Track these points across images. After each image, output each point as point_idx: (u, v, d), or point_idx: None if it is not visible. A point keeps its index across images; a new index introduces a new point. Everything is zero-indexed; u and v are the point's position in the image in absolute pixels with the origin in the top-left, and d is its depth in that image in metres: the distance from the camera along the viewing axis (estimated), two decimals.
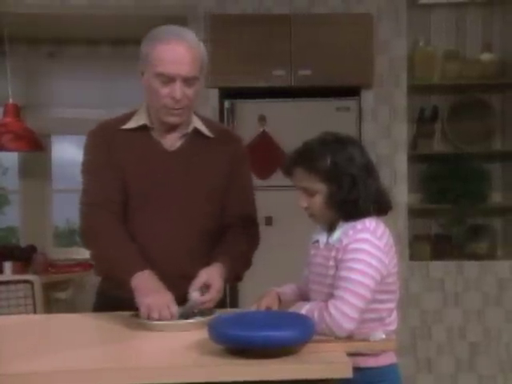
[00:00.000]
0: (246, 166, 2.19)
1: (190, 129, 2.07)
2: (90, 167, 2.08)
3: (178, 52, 1.93)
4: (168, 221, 2.03)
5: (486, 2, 4.40)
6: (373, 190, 1.71)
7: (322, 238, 1.76)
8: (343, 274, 1.64)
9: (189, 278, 1.92)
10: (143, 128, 2.06)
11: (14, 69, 4.62)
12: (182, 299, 1.88)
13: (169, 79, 1.93)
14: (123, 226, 2.02)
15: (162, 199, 2.03)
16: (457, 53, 4.39)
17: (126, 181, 2.03)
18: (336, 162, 1.69)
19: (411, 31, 4.31)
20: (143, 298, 1.83)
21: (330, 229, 1.75)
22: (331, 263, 1.70)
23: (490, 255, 4.29)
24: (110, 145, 2.05)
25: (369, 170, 1.73)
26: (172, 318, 1.79)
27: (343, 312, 1.59)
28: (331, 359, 1.45)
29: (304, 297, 1.85)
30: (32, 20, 4.38)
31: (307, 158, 1.72)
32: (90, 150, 2.09)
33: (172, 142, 2.07)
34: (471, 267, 4.17)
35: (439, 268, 4.18)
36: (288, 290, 1.92)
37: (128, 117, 2.10)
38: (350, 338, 1.62)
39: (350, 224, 1.69)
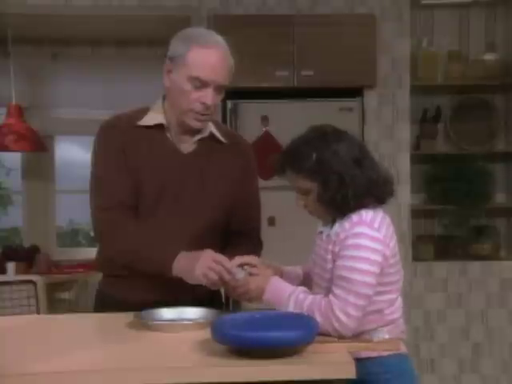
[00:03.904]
0: (254, 176, 2.20)
1: (207, 133, 2.05)
2: (101, 166, 2.01)
3: (216, 58, 1.91)
4: (177, 223, 2.00)
5: (489, 2, 4.40)
6: (363, 182, 1.69)
7: (326, 230, 1.76)
8: (344, 273, 1.63)
9: None
10: (158, 127, 2.02)
11: (17, 69, 4.62)
12: (185, 302, 1.89)
13: (203, 84, 1.91)
14: (136, 223, 1.98)
15: (174, 201, 2.00)
16: (460, 53, 4.39)
17: (140, 180, 1.99)
18: (321, 161, 1.68)
19: (414, 32, 4.31)
20: (191, 276, 1.82)
21: (333, 221, 1.74)
22: (329, 257, 1.70)
23: (494, 256, 4.29)
24: (124, 142, 1.99)
25: (358, 161, 1.71)
26: (225, 268, 1.80)
27: (349, 314, 1.60)
28: (335, 359, 1.45)
29: (307, 282, 1.86)
30: (35, 21, 4.38)
31: (293, 159, 1.73)
32: (103, 147, 2.02)
33: (187, 144, 2.04)
34: (474, 268, 4.17)
35: (442, 268, 4.17)
36: (293, 273, 1.93)
37: (142, 112, 2.04)
38: (353, 338, 1.62)
39: (347, 216, 1.69)
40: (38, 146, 4.49)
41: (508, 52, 4.39)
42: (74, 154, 5.26)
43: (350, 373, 1.39)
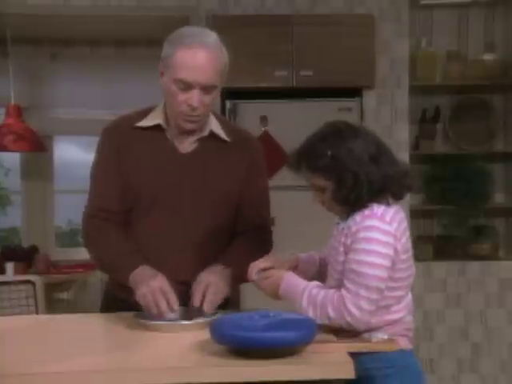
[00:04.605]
0: (262, 174, 2.15)
1: (206, 132, 2.03)
2: (96, 170, 2.07)
3: (199, 58, 1.88)
4: (176, 224, 2.01)
5: (488, 2, 4.40)
6: (378, 179, 1.68)
7: (342, 223, 1.76)
8: (355, 267, 1.62)
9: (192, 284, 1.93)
10: (158, 128, 2.02)
11: (16, 70, 4.61)
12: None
13: (187, 86, 1.89)
14: (116, 230, 2.00)
15: (172, 202, 2.00)
16: (459, 53, 4.39)
17: (137, 182, 2.00)
18: (336, 159, 1.67)
19: (413, 32, 4.31)
20: (138, 289, 1.83)
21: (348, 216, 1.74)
22: (341, 249, 1.70)
23: (493, 256, 4.29)
24: (121, 143, 2.01)
25: (374, 158, 1.70)
26: (167, 300, 1.79)
27: (362, 308, 1.60)
28: (334, 360, 1.45)
29: (323, 269, 1.86)
30: (34, 21, 4.38)
31: (309, 157, 1.72)
32: (100, 151, 2.07)
33: (187, 144, 2.03)
34: (473, 268, 4.17)
35: (441, 268, 4.17)
36: (310, 260, 1.93)
37: (145, 113, 2.05)
38: (352, 337, 1.62)
39: (359, 210, 1.69)
40: (36, 146, 4.49)
41: (507, 52, 4.39)
42: (72, 154, 5.26)
43: (349, 373, 1.39)
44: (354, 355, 1.46)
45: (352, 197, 1.67)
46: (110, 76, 4.94)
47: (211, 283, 1.86)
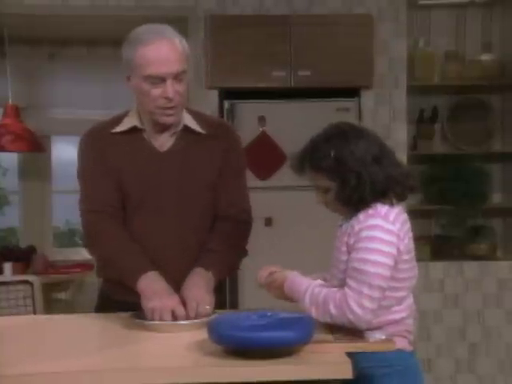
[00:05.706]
0: (237, 157, 2.15)
1: (180, 126, 2.05)
2: (86, 173, 2.08)
3: (162, 50, 1.92)
4: (163, 222, 2.02)
5: (486, 2, 4.40)
6: (381, 179, 1.69)
7: (345, 224, 1.76)
8: (357, 265, 1.63)
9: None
10: (134, 130, 2.05)
11: (14, 70, 4.62)
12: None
13: (159, 79, 1.92)
14: (125, 229, 2.02)
15: (157, 201, 2.03)
16: (457, 53, 4.39)
17: (122, 184, 2.03)
18: (340, 159, 1.68)
19: (411, 32, 4.32)
20: (147, 301, 1.84)
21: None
22: (343, 249, 1.71)
23: (490, 256, 4.29)
24: (103, 149, 2.04)
25: (377, 159, 1.70)
26: (178, 315, 1.80)
27: (364, 306, 1.60)
28: (331, 360, 1.45)
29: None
30: (32, 21, 4.38)
31: (313, 158, 1.72)
32: (86, 156, 2.09)
33: (163, 142, 2.06)
34: (471, 268, 4.17)
35: (439, 268, 4.17)
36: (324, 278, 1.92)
37: (120, 118, 2.09)
38: (350, 337, 1.62)
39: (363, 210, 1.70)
40: (34, 147, 4.49)
41: (504, 52, 4.39)
42: (70, 155, 5.21)
43: (347, 373, 1.39)
44: (351, 355, 1.46)
45: (355, 197, 1.68)
46: (108, 76, 4.93)
47: (199, 303, 1.85)
